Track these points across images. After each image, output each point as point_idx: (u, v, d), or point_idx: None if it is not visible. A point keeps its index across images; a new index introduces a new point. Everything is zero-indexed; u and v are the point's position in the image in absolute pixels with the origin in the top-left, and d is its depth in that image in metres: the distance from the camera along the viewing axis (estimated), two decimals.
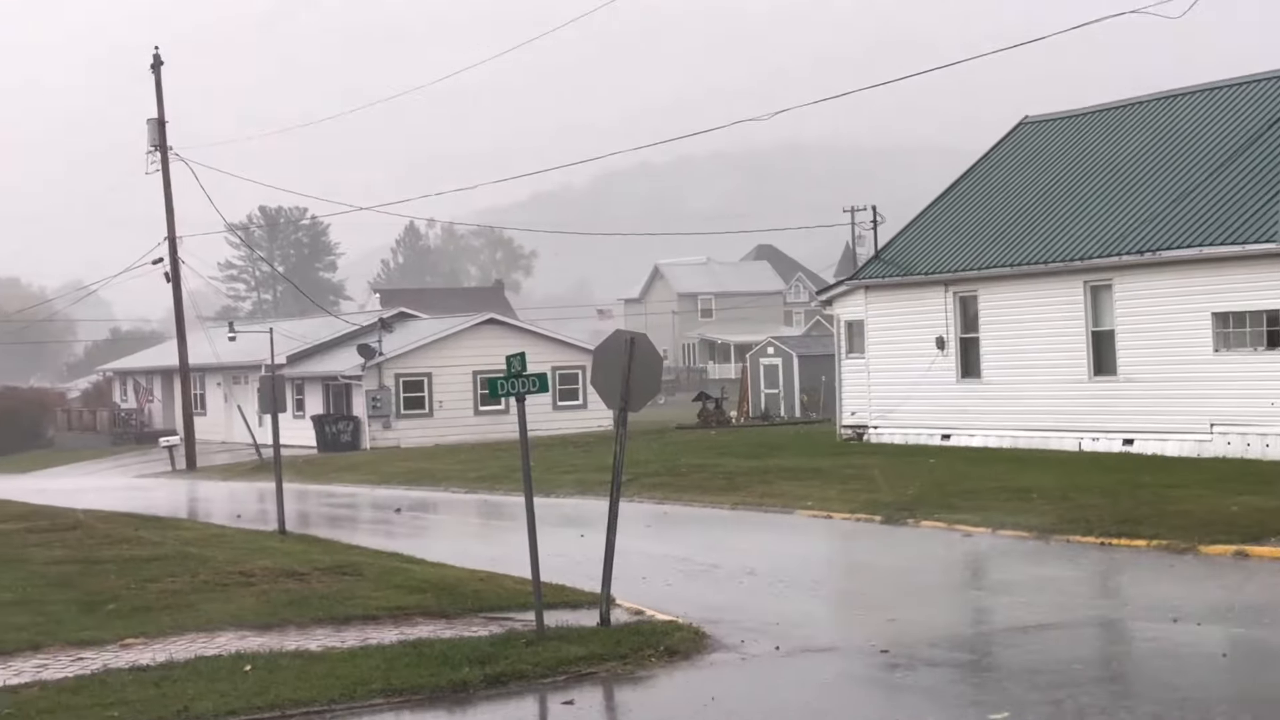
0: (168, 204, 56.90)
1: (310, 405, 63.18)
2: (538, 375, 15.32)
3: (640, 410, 15.93)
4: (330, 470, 47.19)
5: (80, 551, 21.33)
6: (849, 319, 40.96)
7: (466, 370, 60.79)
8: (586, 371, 60.61)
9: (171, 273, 56.87)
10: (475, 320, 63.74)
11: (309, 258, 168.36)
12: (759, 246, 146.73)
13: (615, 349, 15.39)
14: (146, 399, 78.44)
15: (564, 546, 21.81)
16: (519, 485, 29.44)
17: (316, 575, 18.57)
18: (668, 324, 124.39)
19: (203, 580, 18.16)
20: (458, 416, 60.50)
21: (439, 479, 40.53)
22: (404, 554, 21.98)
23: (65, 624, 15.45)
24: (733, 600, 17.50)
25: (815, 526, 25.69)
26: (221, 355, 64.68)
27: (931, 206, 41.55)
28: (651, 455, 38.93)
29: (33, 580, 18.51)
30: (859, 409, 40.45)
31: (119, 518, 28.19)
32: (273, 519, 26.26)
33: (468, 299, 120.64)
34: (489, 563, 20.46)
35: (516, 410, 15.26)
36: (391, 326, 64.26)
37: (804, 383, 63.89)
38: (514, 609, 16.19)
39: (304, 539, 24.49)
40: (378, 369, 59.96)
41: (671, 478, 33.64)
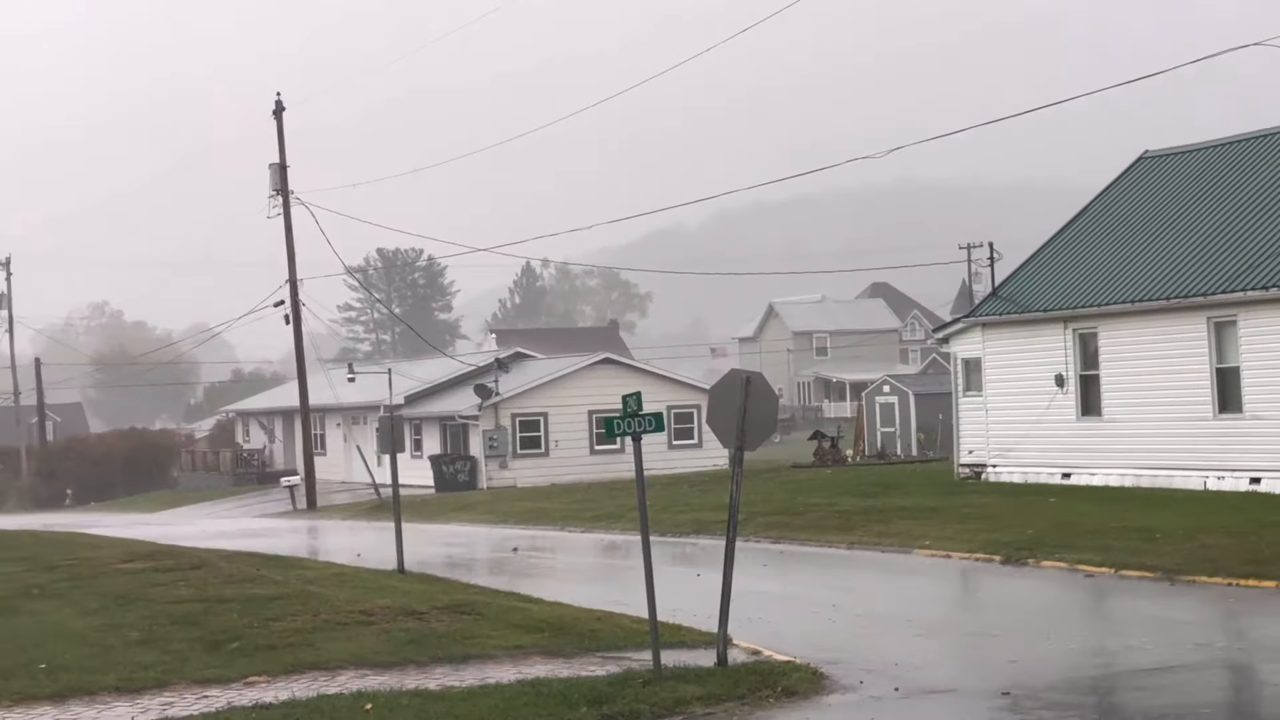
0: (289, 247, 57.80)
1: (428, 445, 63.73)
2: (653, 415, 15.35)
3: (756, 449, 15.89)
4: (448, 510, 47.52)
5: (204, 590, 21.63)
6: (966, 356, 40.58)
7: (582, 410, 61.01)
8: (702, 411, 60.60)
9: (292, 315, 57.73)
10: (591, 360, 63.97)
11: (425, 298, 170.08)
12: (874, 284, 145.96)
13: (731, 388, 15.39)
14: (270, 440, 79.57)
15: (680, 586, 21.78)
16: (635, 524, 29.40)
17: (435, 614, 18.69)
18: (782, 362, 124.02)
19: (324, 619, 18.34)
20: (573, 456, 60.69)
21: (555, 518, 40.65)
22: (521, 593, 22.07)
23: (190, 662, 15.68)
24: (851, 640, 17.37)
25: (933, 566, 25.44)
26: (341, 396, 65.50)
27: (1049, 243, 41.10)
28: (767, 494, 38.77)
29: (158, 619, 18.80)
30: (977, 447, 40.02)
31: (242, 557, 28.57)
32: (392, 558, 26.48)
33: (583, 339, 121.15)
34: (606, 602, 20.47)
35: (633, 450, 15.29)
36: (508, 367, 64.68)
37: (920, 421, 63.37)
38: (631, 648, 16.19)
39: (423, 578, 24.67)
40: (494, 409, 60.35)
41: (787, 517, 33.48)
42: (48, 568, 25.80)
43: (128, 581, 23.09)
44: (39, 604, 20.86)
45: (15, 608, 20.48)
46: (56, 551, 29.32)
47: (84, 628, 18.22)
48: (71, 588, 22.68)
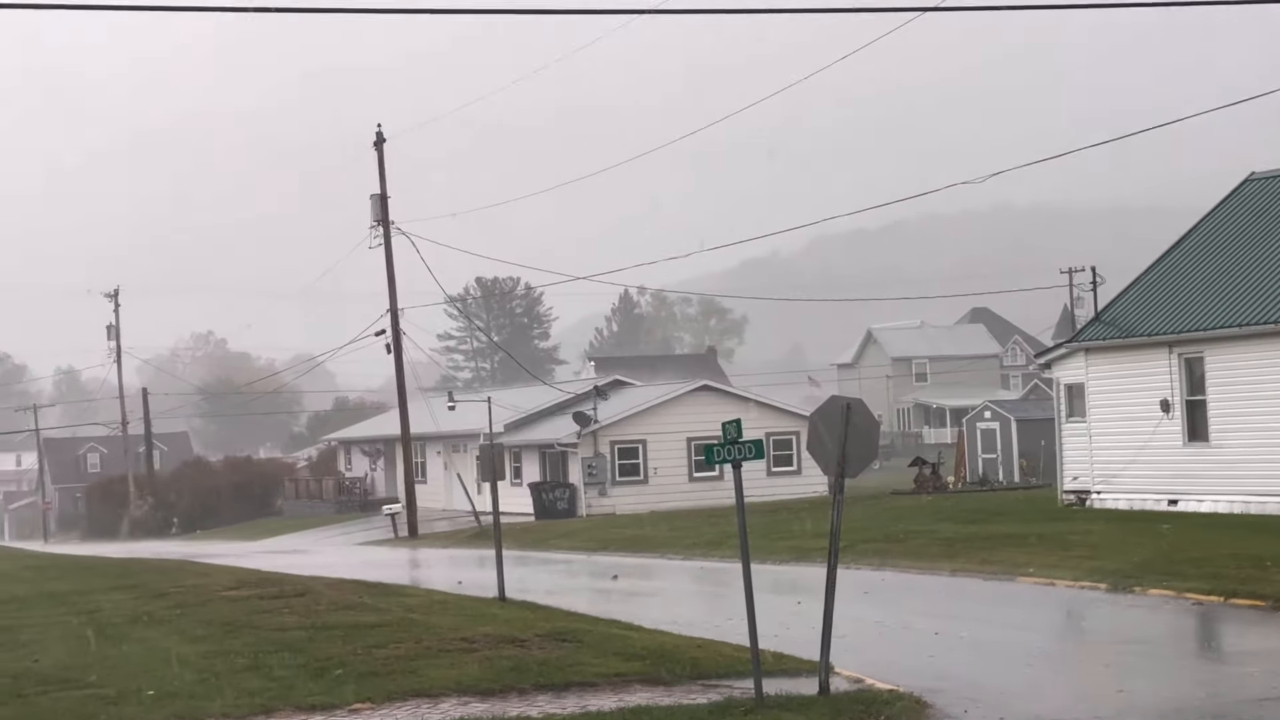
0: (390, 277, 58.36)
1: (527, 473, 64.00)
2: (753, 442, 15.32)
3: (857, 476, 15.82)
4: (547, 537, 47.66)
5: (309, 617, 21.83)
6: (1069, 382, 40.13)
7: (681, 437, 60.99)
8: (801, 437, 60.38)
9: (393, 344, 58.25)
10: (689, 387, 63.98)
11: (524, 327, 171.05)
12: (974, 309, 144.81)
13: (832, 415, 15.33)
14: (372, 468, 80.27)
15: (781, 613, 21.69)
16: (735, 552, 29.29)
17: (536, 642, 18.75)
18: (881, 389, 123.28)
19: (426, 646, 18.45)
20: (672, 483, 60.68)
21: (655, 545, 40.64)
22: (621, 620, 22.07)
23: (296, 689, 15.84)
24: (954, 669, 17.20)
25: (1038, 594, 25.14)
26: (441, 424, 65.98)
27: (1154, 266, 40.59)
28: (868, 521, 38.54)
29: (264, 645, 19.00)
30: (1081, 474, 39.53)
31: (345, 584, 28.82)
32: (492, 586, 26.59)
33: (680, 366, 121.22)
34: (706, 629, 20.43)
35: (733, 477, 15.28)
36: (606, 394, 64.85)
37: (1022, 447, 62.70)
38: (732, 676, 16.14)
39: (523, 605, 24.75)
40: (593, 436, 60.51)
41: (888, 544, 33.25)
42: (156, 595, 26.19)
43: (234, 609, 23.37)
44: (148, 631, 21.17)
45: (124, 634, 20.81)
46: (164, 579, 29.75)
47: (191, 654, 18.45)
48: (179, 615, 22.99)
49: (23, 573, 34.03)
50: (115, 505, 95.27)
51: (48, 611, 24.13)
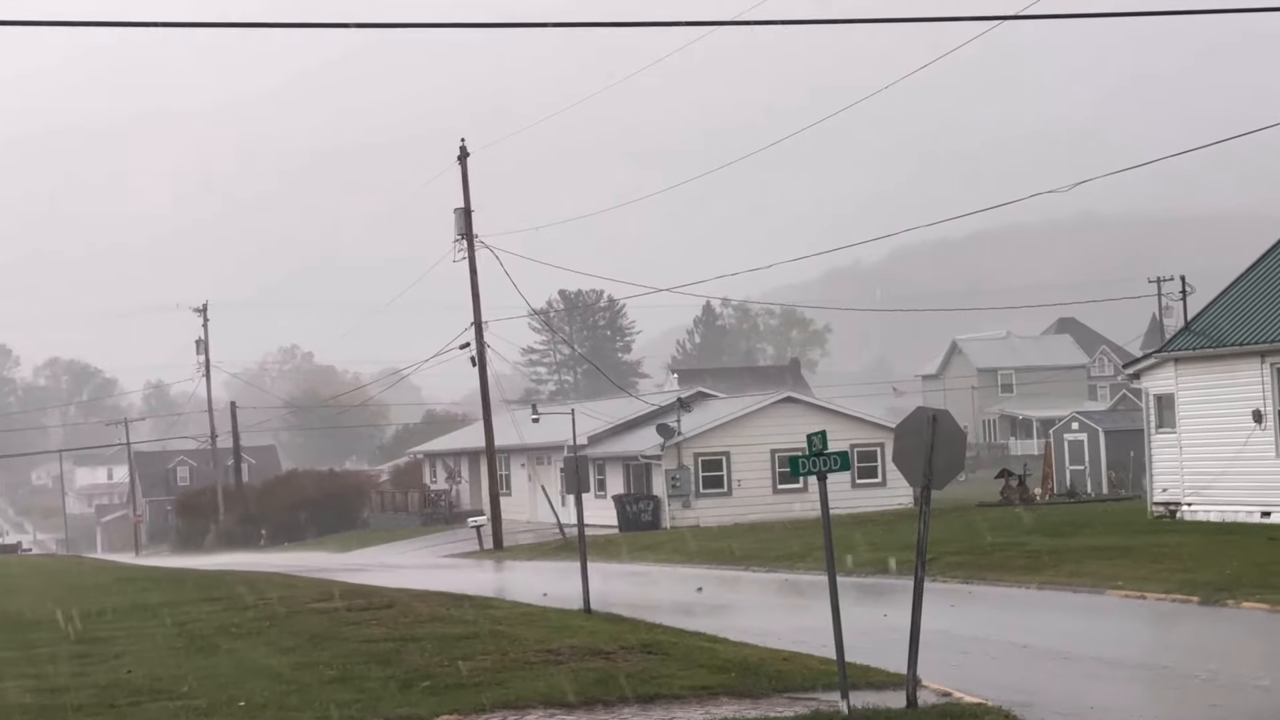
0: (474, 290, 58.65)
1: (611, 485, 64.09)
2: (839, 454, 15.28)
3: (944, 488, 15.73)
4: (632, 549, 47.69)
5: (396, 629, 21.97)
6: (1158, 392, 39.66)
7: (764, 449, 60.85)
8: (885, 449, 60.01)
9: (477, 357, 58.54)
10: (773, 399, 63.83)
11: (607, 339, 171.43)
12: (1060, 320, 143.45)
13: (917, 426, 15.25)
14: (457, 480, 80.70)
15: (867, 626, 21.58)
16: (820, 564, 29.19)
17: (622, 654, 18.76)
18: (967, 400, 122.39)
19: (513, 658, 18.51)
20: (756, 495, 60.55)
21: (739, 558, 40.56)
22: (707, 633, 22.04)
23: (384, 700, 15.94)
24: (1042, 683, 17.04)
25: (1127, 607, 24.85)
26: (525, 436, 66.23)
27: (1245, 275, 40.03)
28: (954, 533, 38.25)
29: (352, 657, 19.14)
30: (1171, 485, 39.04)
31: (431, 596, 28.97)
32: (577, 598, 26.65)
33: (763, 378, 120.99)
34: (791, 642, 20.37)
35: (818, 489, 15.23)
36: (689, 406, 64.83)
37: (1111, 458, 62.01)
38: (818, 689, 16.07)
39: (609, 618, 24.77)
40: (677, 448, 60.51)
41: (975, 556, 32.99)
42: (245, 607, 26.44)
43: (322, 620, 23.56)
44: (237, 642, 21.39)
45: (215, 646, 21.04)
46: (253, 591, 30.02)
47: (281, 666, 18.62)
48: (268, 626, 23.20)
49: (115, 585, 34.49)
50: (204, 518, 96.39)
51: (140, 623, 24.44)
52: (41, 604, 28.59)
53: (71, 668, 18.98)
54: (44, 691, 17.12)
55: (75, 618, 25.19)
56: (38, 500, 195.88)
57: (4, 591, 32.81)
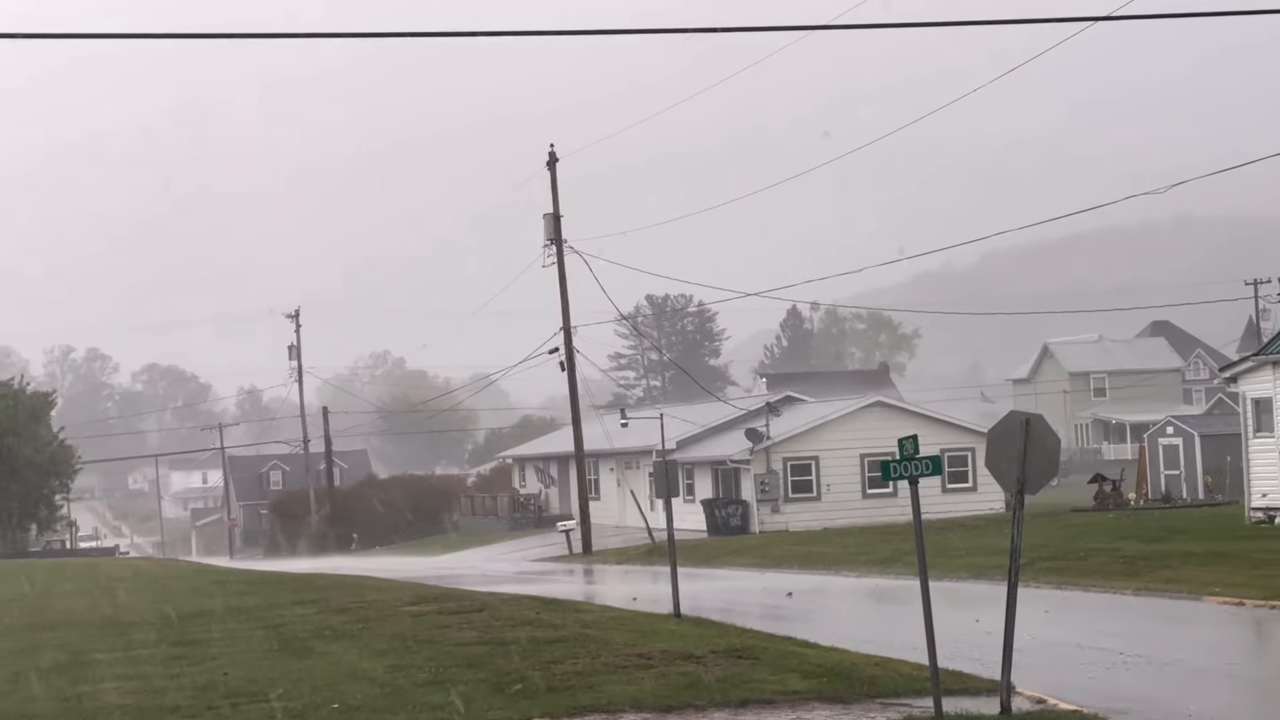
0: (563, 296, 58.85)
1: (699, 489, 64.04)
2: (930, 458, 15.19)
3: (1036, 493, 15.59)
4: (721, 554, 47.64)
5: (487, 633, 22.08)
6: (1256, 396, 39.06)
7: (854, 453, 60.55)
8: (976, 454, 59.54)
9: (566, 362, 58.72)
10: (862, 403, 63.51)
11: (695, 344, 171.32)
12: (1154, 323, 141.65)
13: (1010, 431, 15.13)
14: (546, 484, 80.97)
15: (959, 631, 21.42)
16: (910, 569, 28.93)
17: (712, 658, 18.75)
18: (1058, 404, 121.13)
19: (603, 662, 18.56)
20: (845, 499, 60.26)
21: (829, 562, 40.41)
22: (797, 638, 21.98)
23: (475, 703, 16.03)
24: (1140, 690, 16.84)
25: (1225, 614, 24.50)
26: (614, 441, 66.32)
27: None
28: (1047, 539, 37.89)
29: (444, 660, 19.26)
30: (1270, 490, 38.43)
31: (522, 600, 29.11)
32: (667, 602, 26.67)
33: (852, 382, 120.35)
34: (883, 647, 20.26)
35: (910, 493, 15.15)
36: (778, 410, 64.63)
37: (1207, 463, 61.11)
38: (910, 695, 15.98)
39: (698, 622, 24.77)
40: (765, 453, 60.35)
41: (1068, 562, 32.66)
42: (339, 610, 26.68)
43: (414, 623, 23.72)
44: (331, 645, 21.59)
45: (309, 649, 21.24)
46: (346, 594, 30.31)
47: (374, 668, 18.78)
48: (361, 629, 23.40)
49: (211, 587, 34.92)
50: (297, 521, 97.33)
51: (235, 625, 24.73)
52: (139, 606, 29.02)
53: (169, 669, 19.24)
54: (143, 692, 17.38)
55: (172, 620, 25.56)
56: (135, 504, 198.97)
57: (103, 594, 33.33)
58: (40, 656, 20.88)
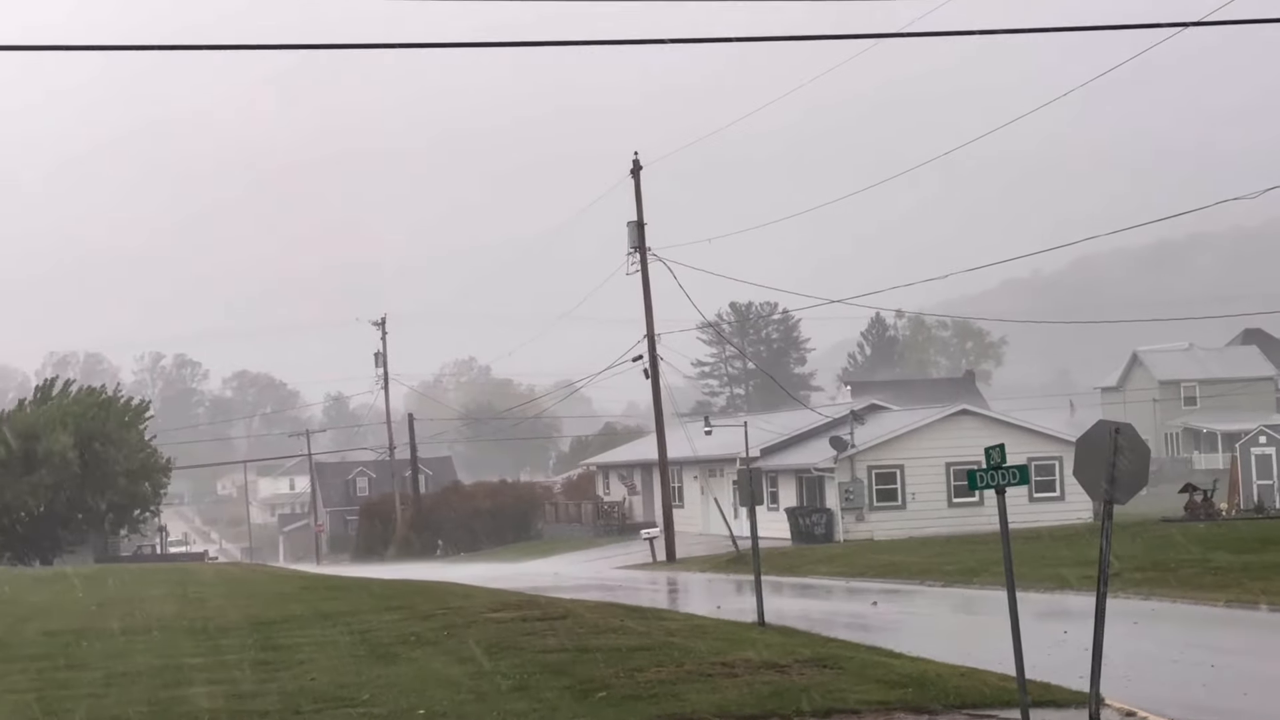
0: (646, 303, 58.94)
1: (783, 497, 63.89)
2: (1018, 467, 15.07)
3: (1126, 503, 15.42)
4: (805, 562, 47.49)
5: (571, 640, 22.12)
6: None
7: (939, 462, 60.20)
8: (1064, 462, 59.00)
9: (650, 370, 58.80)
10: (947, 411, 63.11)
11: (779, 352, 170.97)
12: (1246, 330, 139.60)
13: (1099, 440, 14.98)
14: (630, 491, 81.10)
15: (1047, 642, 21.22)
16: (996, 579, 28.68)
17: (797, 667, 18.68)
18: (1148, 413, 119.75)
19: (687, 670, 18.53)
20: (931, 508, 59.90)
21: (914, 572, 40.16)
22: (882, 647, 21.86)
23: (560, 711, 16.07)
24: (1231, 703, 16.60)
25: None
26: (697, 449, 66.31)
27: None
28: (1136, 549, 37.46)
29: (529, 667, 19.33)
30: None
31: (605, 607, 29.14)
32: (750, 610, 26.62)
33: (937, 390, 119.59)
34: (969, 658, 20.10)
35: (996, 503, 15.03)
36: (863, 418, 64.37)
37: None
38: (997, 706, 15.85)
39: (782, 631, 24.69)
40: (850, 461, 60.12)
41: (1158, 572, 32.26)
42: (424, 616, 26.83)
43: (499, 630, 23.81)
44: (416, 651, 21.71)
45: (395, 655, 21.38)
46: (431, 601, 30.47)
47: (459, 675, 18.86)
48: (446, 635, 23.51)
49: (298, 593, 35.23)
50: (383, 528, 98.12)
51: (322, 631, 24.92)
52: (228, 611, 29.33)
53: (257, 674, 19.44)
54: (232, 697, 17.57)
55: (260, 625, 25.82)
56: (223, 510, 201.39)
57: (192, 599, 33.73)
58: (131, 660, 21.15)
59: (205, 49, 15.57)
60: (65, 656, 21.79)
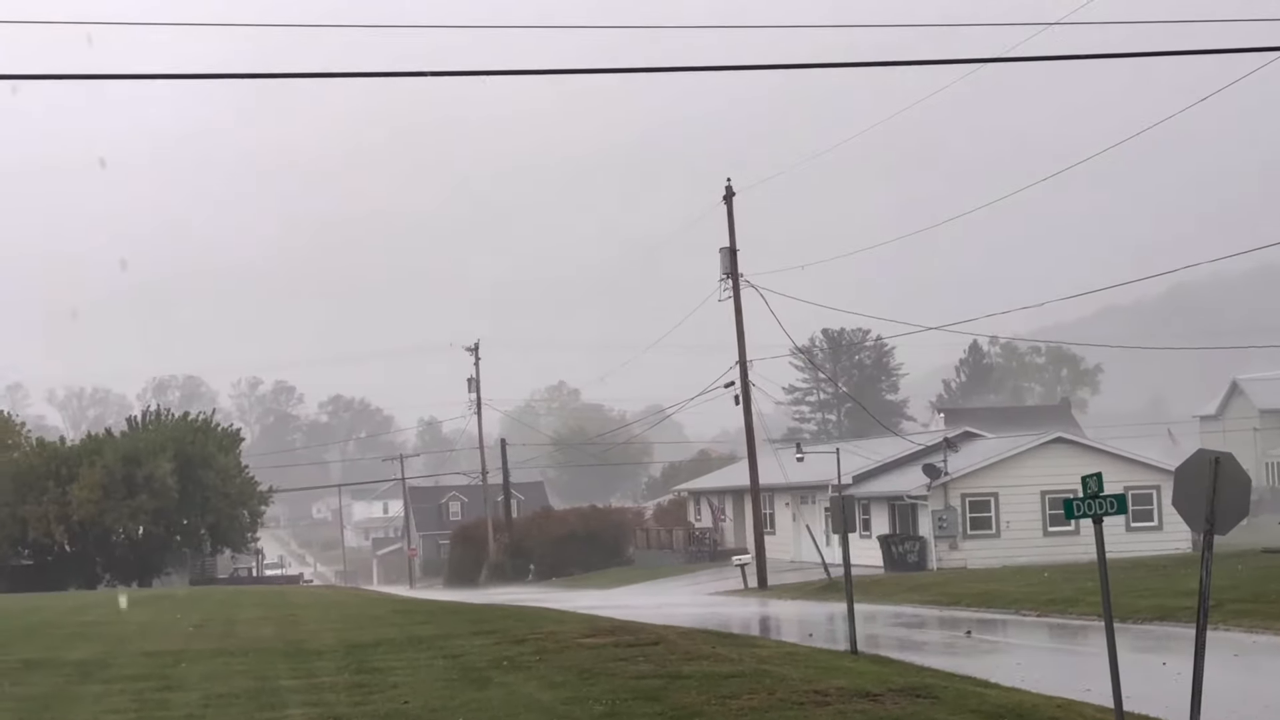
0: (739, 330, 58.86)
1: (876, 525, 63.51)
2: (1116, 496, 14.92)
3: (1226, 533, 15.20)
4: (897, 590, 47.15)
5: (663, 666, 22.09)
6: None
7: (1034, 490, 59.60)
8: (1161, 492, 58.26)
9: (742, 396, 58.70)
10: (1043, 439, 62.48)
11: (871, 378, 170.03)
12: None
13: (1199, 469, 14.79)
14: (720, 518, 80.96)
15: (1145, 674, 20.92)
16: (1092, 609, 28.32)
17: (890, 697, 18.54)
18: (1248, 442, 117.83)
19: (779, 698, 18.45)
20: (1025, 537, 59.28)
21: (1008, 601, 39.74)
22: (976, 677, 21.66)
23: None
24: None
25: None
26: (789, 475, 66.10)
27: None
28: (1237, 580, 36.82)
29: (621, 693, 19.31)
30: None
31: (697, 634, 29.08)
32: (842, 638, 26.47)
33: (1031, 417, 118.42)
34: (1065, 689, 19.86)
35: (1093, 532, 14.87)
36: (956, 446, 63.88)
37: None
38: None
39: (875, 659, 24.54)
40: (943, 489, 59.66)
41: (1260, 604, 31.69)
42: (516, 640, 26.91)
43: (590, 656, 23.83)
44: (509, 676, 21.79)
45: (488, 679, 21.46)
46: (523, 625, 30.57)
47: (551, 700, 18.90)
48: (538, 660, 23.58)
49: (392, 616, 35.47)
50: (475, 552, 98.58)
51: (415, 654, 25.07)
52: (322, 634, 29.59)
53: (351, 696, 19.59)
54: (327, 719, 17.72)
55: (354, 648, 26.03)
56: (318, 533, 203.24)
57: (288, 622, 34.05)
58: (228, 682, 21.40)
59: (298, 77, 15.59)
60: (164, 677, 22.10)
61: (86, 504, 77.74)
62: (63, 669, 23.59)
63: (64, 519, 77.88)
